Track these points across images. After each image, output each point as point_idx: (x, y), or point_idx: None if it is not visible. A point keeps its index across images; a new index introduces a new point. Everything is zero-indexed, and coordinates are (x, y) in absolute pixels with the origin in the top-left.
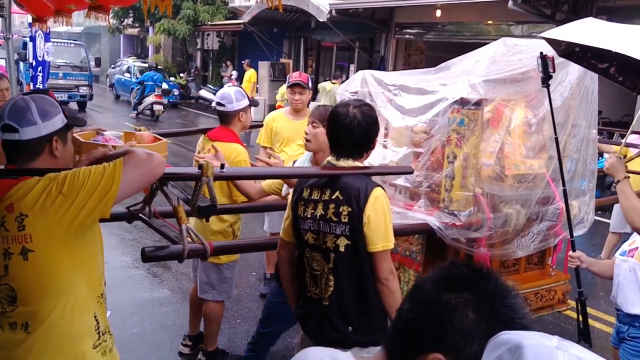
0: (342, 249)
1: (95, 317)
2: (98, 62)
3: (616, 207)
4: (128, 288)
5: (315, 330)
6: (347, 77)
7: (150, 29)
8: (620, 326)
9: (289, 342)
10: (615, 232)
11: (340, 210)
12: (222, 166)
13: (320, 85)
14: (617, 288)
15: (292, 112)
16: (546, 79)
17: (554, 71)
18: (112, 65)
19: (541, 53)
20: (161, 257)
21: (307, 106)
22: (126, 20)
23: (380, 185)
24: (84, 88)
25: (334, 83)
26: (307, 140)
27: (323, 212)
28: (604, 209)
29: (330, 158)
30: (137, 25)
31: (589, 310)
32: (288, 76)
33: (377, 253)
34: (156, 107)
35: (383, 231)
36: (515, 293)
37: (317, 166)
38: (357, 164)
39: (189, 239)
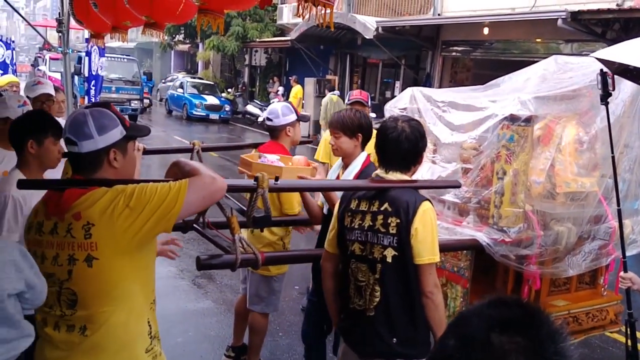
0: (389, 259)
1: (148, 322)
2: (149, 77)
3: None
4: (173, 298)
5: (359, 341)
6: (393, 94)
7: (200, 45)
8: None
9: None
10: None
11: (389, 221)
12: (277, 178)
13: (324, 100)
14: None
15: None
16: (605, 97)
17: (613, 89)
18: (163, 80)
19: (601, 70)
20: (215, 265)
21: None
22: (177, 36)
23: (428, 199)
24: (135, 102)
25: (335, 95)
26: (334, 149)
27: (371, 223)
28: None
29: (379, 171)
30: (187, 41)
31: (638, 334)
32: (349, 94)
33: (423, 265)
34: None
35: (430, 244)
36: (566, 336)
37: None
38: (405, 177)
39: (241, 249)
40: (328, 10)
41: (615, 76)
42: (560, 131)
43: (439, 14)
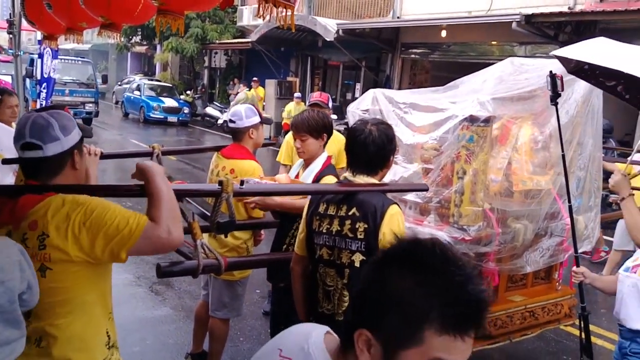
0: (357, 264)
1: (107, 333)
2: (105, 79)
3: (620, 225)
4: (130, 306)
5: None
6: (353, 96)
7: (158, 46)
8: (623, 342)
9: None
10: (618, 249)
11: (357, 226)
12: (242, 182)
13: (239, 97)
14: (620, 304)
15: None
16: (555, 97)
17: (562, 90)
18: (119, 83)
19: (550, 72)
20: (177, 272)
21: None
22: (134, 38)
23: (396, 203)
24: (90, 105)
25: (249, 90)
26: (300, 152)
27: (339, 228)
28: (606, 227)
29: (347, 174)
30: (145, 43)
31: (591, 327)
32: (309, 95)
33: None
34: None
35: None
36: (463, 264)
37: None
38: (373, 180)
39: (203, 255)
40: (289, 12)
41: (570, 78)
42: (516, 131)
43: (398, 17)
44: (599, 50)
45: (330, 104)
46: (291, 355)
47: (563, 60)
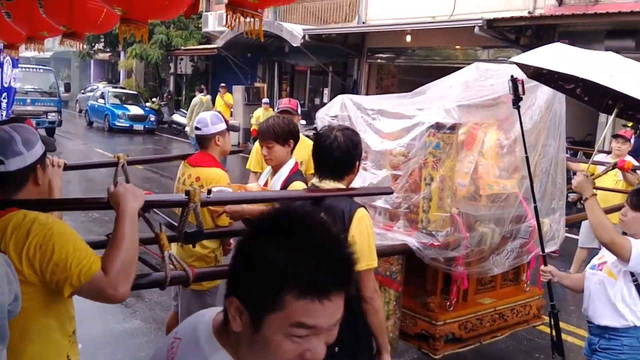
0: None
1: (67, 357)
2: (68, 87)
3: (584, 223)
4: (100, 319)
5: None
6: (322, 101)
7: (122, 53)
8: (592, 338)
9: None
10: (584, 247)
11: None
12: (209, 192)
13: (194, 102)
14: (587, 301)
15: None
16: (517, 101)
17: (523, 93)
18: (82, 91)
19: (512, 76)
20: (143, 284)
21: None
22: (97, 45)
23: (363, 206)
24: (53, 114)
25: (204, 96)
26: (268, 159)
27: None
28: (571, 226)
29: (314, 180)
30: (108, 50)
31: (561, 324)
32: (278, 102)
33: (362, 272)
34: None
35: (367, 250)
36: (326, 227)
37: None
38: (340, 185)
39: (171, 266)
40: (257, 21)
41: (534, 84)
42: (482, 136)
43: (363, 22)
44: (555, 56)
45: (299, 110)
46: (182, 336)
47: (522, 67)
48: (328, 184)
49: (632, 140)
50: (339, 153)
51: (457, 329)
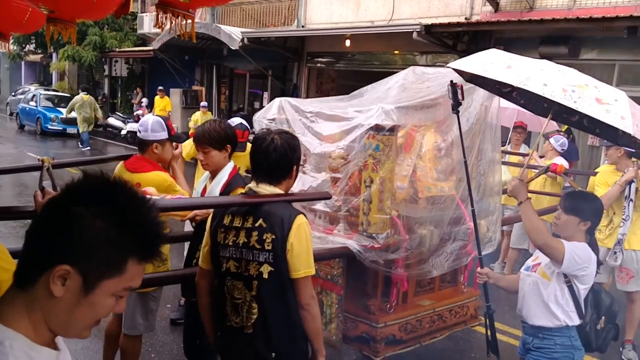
0: (265, 275)
1: None
2: None
3: (516, 224)
4: None
5: (237, 358)
6: (261, 105)
7: (54, 55)
8: (526, 337)
9: None
10: (515, 247)
11: (264, 237)
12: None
13: (75, 99)
14: (522, 301)
15: None
16: (456, 106)
17: (463, 99)
18: (13, 93)
19: (451, 81)
20: None
21: None
22: (28, 46)
23: (303, 213)
24: None
25: (86, 95)
26: (204, 164)
27: (246, 240)
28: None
29: (251, 184)
30: (39, 51)
31: (496, 324)
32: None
33: (300, 279)
34: None
35: (305, 258)
36: (148, 202)
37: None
38: (277, 190)
39: None
40: (189, 22)
41: (470, 86)
42: (420, 139)
43: (302, 26)
44: (491, 63)
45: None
46: None
47: (459, 72)
48: (265, 188)
49: (562, 142)
50: (276, 155)
51: (398, 331)
